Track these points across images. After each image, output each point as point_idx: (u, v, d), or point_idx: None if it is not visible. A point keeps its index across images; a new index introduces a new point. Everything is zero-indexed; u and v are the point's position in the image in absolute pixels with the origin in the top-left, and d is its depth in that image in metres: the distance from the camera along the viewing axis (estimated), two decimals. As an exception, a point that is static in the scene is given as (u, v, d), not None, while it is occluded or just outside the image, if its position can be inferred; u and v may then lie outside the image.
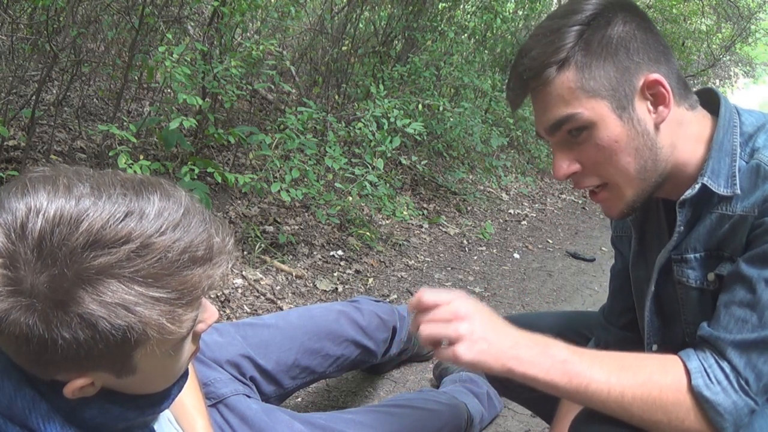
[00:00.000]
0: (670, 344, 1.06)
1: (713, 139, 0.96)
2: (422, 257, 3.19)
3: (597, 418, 0.96)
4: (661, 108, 0.93)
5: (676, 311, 1.06)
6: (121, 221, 0.62)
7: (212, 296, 2.28)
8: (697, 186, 0.95)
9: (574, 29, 0.90)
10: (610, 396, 0.91)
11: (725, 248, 0.95)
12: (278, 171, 2.82)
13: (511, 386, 1.32)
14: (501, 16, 4.66)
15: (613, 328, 1.23)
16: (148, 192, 0.65)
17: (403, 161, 3.78)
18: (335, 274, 2.71)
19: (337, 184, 2.99)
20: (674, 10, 7.30)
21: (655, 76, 0.91)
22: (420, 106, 3.77)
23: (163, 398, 0.77)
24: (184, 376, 0.80)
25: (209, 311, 0.75)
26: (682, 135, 0.96)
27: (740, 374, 0.88)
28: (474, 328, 0.90)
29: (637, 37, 0.91)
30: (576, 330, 1.37)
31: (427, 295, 0.94)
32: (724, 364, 0.89)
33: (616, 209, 0.99)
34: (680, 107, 0.95)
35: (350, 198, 3.08)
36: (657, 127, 0.93)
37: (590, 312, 1.40)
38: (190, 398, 1.05)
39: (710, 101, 1.01)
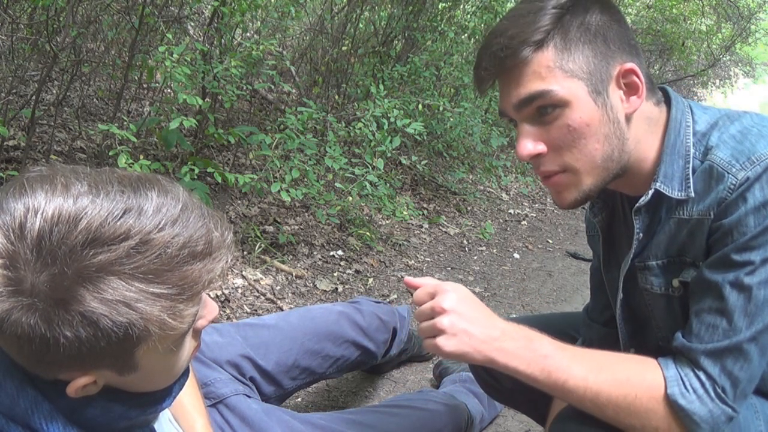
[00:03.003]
0: (646, 348, 1.06)
1: (665, 141, 0.94)
2: (422, 257, 3.19)
3: (576, 417, 0.96)
4: (633, 98, 0.92)
5: (647, 316, 1.06)
6: (119, 218, 0.62)
7: (212, 296, 2.28)
8: (651, 192, 0.94)
9: (553, 11, 0.89)
10: (586, 395, 0.91)
11: (686, 253, 0.95)
12: (278, 171, 2.82)
13: (503, 390, 1.32)
14: (501, 16, 4.65)
15: (596, 325, 1.22)
16: (146, 188, 0.65)
17: (403, 161, 3.77)
18: (335, 274, 2.71)
19: (337, 184, 2.99)
20: (674, 10, 7.29)
21: (631, 65, 0.91)
22: (420, 106, 3.77)
23: (164, 396, 0.77)
24: (185, 374, 0.80)
25: (209, 307, 0.75)
26: (648, 130, 0.95)
27: (716, 382, 0.87)
28: (454, 321, 0.91)
29: (613, 28, 0.91)
30: (563, 331, 1.37)
31: (417, 293, 0.97)
32: (700, 373, 0.88)
33: (569, 197, 0.95)
34: (648, 102, 0.95)
35: (350, 198, 3.08)
36: (628, 117, 0.92)
37: (577, 312, 1.40)
38: (189, 398, 1.05)
39: (665, 100, 0.99)
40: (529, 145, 0.92)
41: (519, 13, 0.91)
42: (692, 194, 0.91)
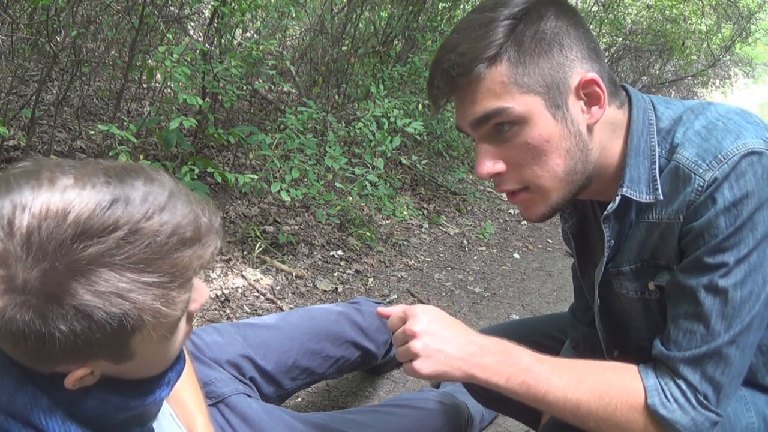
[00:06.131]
0: (629, 348, 1.05)
1: (628, 144, 0.91)
2: (422, 257, 3.19)
3: (560, 428, 0.96)
4: (594, 109, 0.88)
5: (626, 319, 1.04)
6: (107, 209, 0.61)
7: (212, 296, 2.28)
8: (618, 198, 0.92)
9: (505, 23, 0.84)
10: (567, 406, 0.90)
11: (659, 257, 0.93)
12: (278, 171, 2.82)
13: (493, 399, 1.31)
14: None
15: (581, 326, 1.21)
16: (132, 178, 0.65)
17: (403, 161, 3.77)
18: (335, 274, 2.71)
19: (337, 184, 2.99)
20: (674, 10, 7.29)
21: (592, 75, 0.87)
22: (420, 106, 3.77)
23: (161, 384, 0.77)
24: (180, 359, 0.80)
25: (201, 290, 0.75)
26: (612, 135, 0.92)
27: (697, 390, 0.86)
28: (427, 343, 0.90)
29: (570, 33, 0.87)
30: (548, 334, 1.37)
31: (390, 319, 0.97)
32: (681, 382, 0.87)
33: (537, 211, 0.93)
34: (611, 107, 0.91)
35: (350, 198, 3.08)
36: (590, 128, 0.89)
37: (564, 313, 1.39)
38: (190, 395, 1.05)
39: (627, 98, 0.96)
40: (488, 164, 0.89)
41: (470, 26, 0.86)
42: (660, 197, 0.89)
